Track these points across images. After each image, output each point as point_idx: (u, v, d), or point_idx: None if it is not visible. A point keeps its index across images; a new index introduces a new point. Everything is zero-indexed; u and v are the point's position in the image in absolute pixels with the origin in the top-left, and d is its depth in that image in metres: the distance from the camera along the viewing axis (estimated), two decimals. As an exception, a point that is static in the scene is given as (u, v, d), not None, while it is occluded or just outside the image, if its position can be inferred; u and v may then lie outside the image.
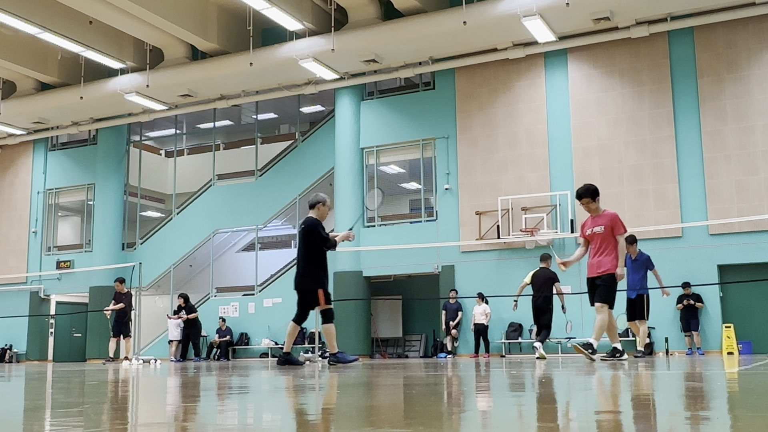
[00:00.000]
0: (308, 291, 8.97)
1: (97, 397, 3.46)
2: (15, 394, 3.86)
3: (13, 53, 20.39)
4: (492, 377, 4.68)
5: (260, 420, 2.19)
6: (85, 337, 23.33)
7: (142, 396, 3.61)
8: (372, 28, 17.88)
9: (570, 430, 1.77)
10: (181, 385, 4.55)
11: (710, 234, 16.51)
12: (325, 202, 9.23)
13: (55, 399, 3.31)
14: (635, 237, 12.30)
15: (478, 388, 3.53)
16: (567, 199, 17.60)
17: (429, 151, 19.58)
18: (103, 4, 17.46)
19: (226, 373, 6.73)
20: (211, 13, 19.31)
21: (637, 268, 11.93)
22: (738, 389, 3.18)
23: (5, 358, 23.53)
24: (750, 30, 16.70)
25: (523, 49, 18.08)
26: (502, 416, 2.16)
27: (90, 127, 23.28)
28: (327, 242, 8.98)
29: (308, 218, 9.14)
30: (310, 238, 8.97)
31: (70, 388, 4.36)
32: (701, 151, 16.84)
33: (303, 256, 9.05)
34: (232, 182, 22.42)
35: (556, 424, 1.89)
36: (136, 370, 8.70)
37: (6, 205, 24.95)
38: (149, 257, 22.38)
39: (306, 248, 9.02)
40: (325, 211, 9.26)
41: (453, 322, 17.92)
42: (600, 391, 3.18)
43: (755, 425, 1.79)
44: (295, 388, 3.86)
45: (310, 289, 8.95)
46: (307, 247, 9.02)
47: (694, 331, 16.13)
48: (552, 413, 2.21)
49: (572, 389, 3.36)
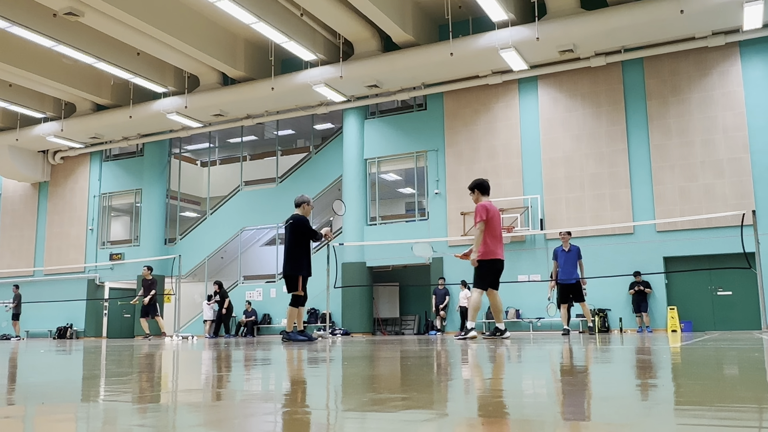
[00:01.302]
0: (289, 276, 8.82)
1: (144, 367, 3.46)
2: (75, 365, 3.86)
3: (73, 79, 20.41)
4: (474, 351, 4.68)
5: (280, 386, 2.18)
6: (133, 317, 23.34)
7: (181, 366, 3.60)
8: (374, 59, 17.91)
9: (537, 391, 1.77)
10: (214, 358, 4.54)
11: (657, 231, 16.52)
12: (309, 202, 9.16)
13: (108, 369, 3.31)
14: (570, 232, 12.30)
15: (462, 360, 3.53)
16: (537, 202, 17.61)
17: (422, 162, 19.60)
18: (148, 39, 17.48)
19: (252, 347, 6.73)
20: (239, 46, 19.33)
21: (570, 259, 11.82)
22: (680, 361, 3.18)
23: (67, 335, 23.54)
24: (690, 60, 16.72)
25: (501, 76, 18.11)
26: (482, 383, 2.15)
27: (137, 141, 23.31)
28: (315, 234, 8.93)
29: (296, 215, 9.00)
30: (298, 231, 8.84)
31: (120, 359, 4.36)
32: (649, 161, 16.86)
33: (289, 246, 8.87)
34: (257, 188, 22.45)
35: (521, 387, 1.89)
36: (176, 345, 8.69)
37: (68, 207, 24.97)
38: (187, 250, 22.39)
39: (293, 240, 8.86)
40: (309, 210, 9.18)
41: (442, 305, 17.95)
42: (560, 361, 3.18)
43: (695, 390, 1.79)
44: (309, 360, 3.86)
45: (291, 274, 8.81)
46: (294, 238, 8.85)
47: (643, 312, 16.17)
48: (518, 379, 2.21)
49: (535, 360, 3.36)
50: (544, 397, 1.71)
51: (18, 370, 3.34)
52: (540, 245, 17.58)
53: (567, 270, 11.70)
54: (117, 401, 1.78)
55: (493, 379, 2.32)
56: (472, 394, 1.82)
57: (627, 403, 1.53)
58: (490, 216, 8.34)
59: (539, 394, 1.77)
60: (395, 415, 1.40)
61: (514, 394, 1.77)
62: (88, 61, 18.43)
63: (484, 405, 1.56)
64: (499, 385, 2.04)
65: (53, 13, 16.41)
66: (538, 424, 1.25)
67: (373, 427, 1.25)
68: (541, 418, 1.33)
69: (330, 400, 1.77)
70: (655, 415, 1.34)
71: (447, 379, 2.36)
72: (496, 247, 8.35)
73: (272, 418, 1.41)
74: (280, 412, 1.52)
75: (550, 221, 17.36)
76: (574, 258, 11.73)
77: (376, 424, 1.28)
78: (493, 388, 1.98)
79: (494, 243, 8.35)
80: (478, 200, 8.54)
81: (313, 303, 20.24)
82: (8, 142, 23.55)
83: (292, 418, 1.40)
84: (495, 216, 8.44)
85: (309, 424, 1.31)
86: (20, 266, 25.17)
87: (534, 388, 1.96)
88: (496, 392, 1.84)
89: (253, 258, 23.85)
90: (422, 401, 1.63)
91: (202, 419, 1.41)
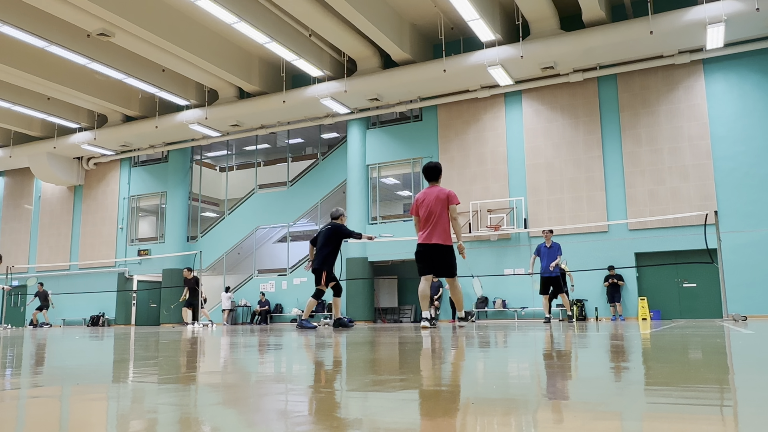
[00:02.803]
0: (317, 270, 9.13)
1: (168, 351, 3.46)
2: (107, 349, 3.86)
3: (104, 93, 20.42)
4: (465, 337, 4.67)
5: (291, 368, 2.18)
6: (159, 307, 23.35)
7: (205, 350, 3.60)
8: (375, 75, 17.91)
9: (520, 374, 1.77)
10: (232, 344, 4.54)
11: (629, 229, 16.52)
12: (344, 214, 9.60)
13: (137, 353, 3.31)
14: (552, 230, 12.34)
15: (453, 346, 3.53)
16: (521, 203, 17.60)
17: (417, 167, 19.59)
18: (172, 57, 17.49)
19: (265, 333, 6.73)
20: (254, 63, 19.33)
21: (551, 254, 11.86)
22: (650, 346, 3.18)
23: (99, 323, 23.54)
24: (659, 76, 16.73)
25: (489, 90, 18.11)
26: (472, 365, 2.15)
27: (163, 149, 23.30)
28: (352, 234, 9.22)
29: (335, 223, 9.38)
30: (336, 234, 9.17)
31: (148, 345, 4.36)
32: (622, 167, 16.85)
33: (323, 246, 9.17)
34: (270, 190, 22.44)
35: (507, 369, 1.89)
36: (198, 332, 8.70)
37: (100, 207, 24.97)
38: (207, 247, 22.38)
39: (330, 242, 9.16)
40: (344, 220, 9.60)
41: (435, 296, 17.91)
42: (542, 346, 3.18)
43: (663, 373, 1.79)
44: (316, 345, 3.86)
45: (319, 268, 9.11)
46: (331, 241, 9.16)
47: (617, 302, 16.17)
48: (504, 362, 2.21)
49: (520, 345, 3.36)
50: (527, 378, 1.71)
51: (55, 355, 3.34)
52: (524, 242, 17.58)
53: (547, 264, 11.75)
54: (144, 382, 1.78)
55: (481, 362, 2.32)
56: (462, 375, 1.82)
57: (602, 384, 1.53)
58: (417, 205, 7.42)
59: (523, 376, 1.77)
60: (395, 394, 1.40)
61: (500, 376, 1.77)
62: (119, 76, 18.44)
63: (473, 385, 1.56)
64: (487, 367, 2.04)
65: (87, 34, 16.42)
66: (522, 402, 1.25)
67: (375, 405, 1.25)
68: (525, 397, 1.33)
69: (336, 381, 1.77)
70: (627, 394, 1.34)
71: (440, 362, 2.36)
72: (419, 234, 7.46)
73: (284, 397, 1.41)
74: (291, 392, 1.52)
75: (533, 221, 17.37)
76: (555, 253, 11.77)
77: (378, 402, 1.28)
78: (481, 370, 1.97)
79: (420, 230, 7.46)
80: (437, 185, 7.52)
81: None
82: (47, 149, 23.55)
83: (302, 397, 1.40)
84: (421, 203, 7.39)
85: (317, 402, 1.31)
86: (57, 261, 25.19)
87: (519, 370, 1.96)
88: (485, 374, 1.84)
89: (267, 253, 23.85)
90: (419, 382, 1.63)
91: (222, 398, 1.41)
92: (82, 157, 24.99)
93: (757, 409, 1.12)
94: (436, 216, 7.28)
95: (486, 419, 1.07)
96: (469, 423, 1.05)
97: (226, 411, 1.22)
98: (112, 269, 24.13)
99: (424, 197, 7.36)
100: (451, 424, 1.04)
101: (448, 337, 4.62)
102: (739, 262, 15.20)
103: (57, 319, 24.67)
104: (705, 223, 11.87)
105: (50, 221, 25.96)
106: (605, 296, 16.53)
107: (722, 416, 1.06)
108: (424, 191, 7.40)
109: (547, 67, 16.36)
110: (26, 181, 26.89)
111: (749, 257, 15.24)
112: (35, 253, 25.99)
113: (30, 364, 2.66)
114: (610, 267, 15.93)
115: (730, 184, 15.69)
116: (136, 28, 15.12)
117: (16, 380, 1.92)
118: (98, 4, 14.05)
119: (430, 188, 7.43)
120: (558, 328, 7.27)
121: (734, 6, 14.03)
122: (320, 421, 1.08)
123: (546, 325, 8.65)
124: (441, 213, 7.31)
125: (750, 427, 0.96)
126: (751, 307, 14.91)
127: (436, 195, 7.31)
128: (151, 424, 1.08)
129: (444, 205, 7.30)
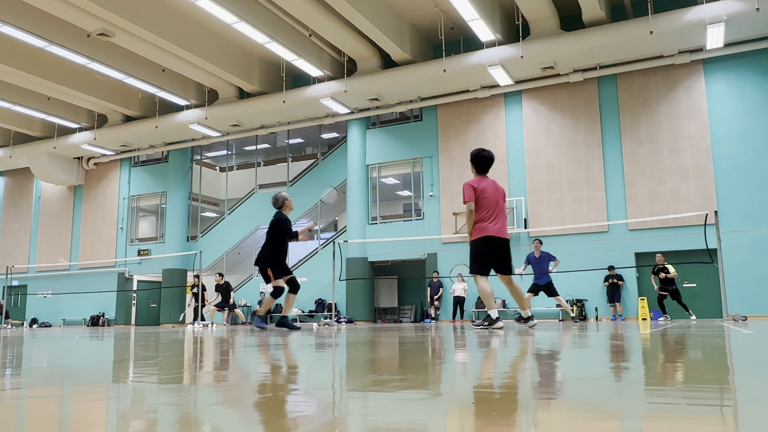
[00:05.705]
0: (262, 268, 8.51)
1: (169, 351, 3.46)
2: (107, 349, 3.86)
3: (105, 93, 20.42)
4: (465, 337, 4.68)
5: (291, 369, 2.18)
6: (159, 307, 23.36)
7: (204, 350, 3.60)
8: (375, 75, 17.91)
9: (520, 373, 1.77)
10: (232, 343, 4.54)
11: (629, 229, 16.53)
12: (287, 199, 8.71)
13: (137, 353, 3.31)
14: (541, 241, 12.60)
15: (456, 345, 3.53)
16: (522, 203, 17.61)
17: (417, 167, 19.59)
18: (172, 57, 17.49)
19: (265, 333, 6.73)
20: (254, 63, 19.33)
21: (540, 264, 12.13)
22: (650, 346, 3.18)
23: (99, 322, 23.54)
24: (659, 76, 16.73)
25: (489, 91, 18.11)
26: (474, 366, 2.15)
27: (163, 149, 23.31)
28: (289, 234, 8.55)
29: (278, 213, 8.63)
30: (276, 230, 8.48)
31: (147, 345, 4.36)
32: (622, 167, 16.86)
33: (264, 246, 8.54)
34: (270, 190, 22.43)
35: (507, 370, 1.89)
36: (198, 331, 8.69)
37: (100, 207, 24.98)
38: (207, 247, 22.38)
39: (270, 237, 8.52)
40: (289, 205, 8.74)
41: (436, 296, 17.93)
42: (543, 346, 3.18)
43: (663, 372, 1.79)
44: (317, 345, 3.86)
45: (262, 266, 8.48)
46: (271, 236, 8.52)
47: (617, 302, 16.17)
48: (505, 362, 2.21)
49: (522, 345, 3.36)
50: (527, 378, 1.71)
51: (55, 355, 3.34)
52: (524, 242, 17.57)
53: (538, 273, 12.13)
54: (144, 382, 1.78)
55: (481, 361, 2.32)
56: (463, 375, 1.82)
57: (602, 384, 1.53)
58: (478, 193, 6.56)
59: (524, 376, 1.77)
60: (395, 394, 1.39)
61: (501, 376, 1.77)
62: (118, 76, 18.43)
63: (473, 385, 1.56)
64: (487, 368, 2.04)
65: (87, 34, 16.42)
66: (522, 403, 1.25)
67: (374, 405, 1.25)
68: (525, 398, 1.33)
69: (336, 381, 1.76)
70: (627, 394, 1.34)
71: (440, 362, 2.36)
72: (488, 225, 6.55)
73: (284, 397, 1.41)
74: (291, 392, 1.52)
75: (533, 221, 17.36)
76: (544, 263, 12.09)
77: (378, 402, 1.28)
78: (481, 370, 1.97)
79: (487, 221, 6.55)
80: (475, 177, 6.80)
81: (320, 294, 20.24)
82: (47, 149, 23.55)
83: (303, 397, 1.40)
84: (485, 191, 6.59)
85: (317, 403, 1.31)
86: (57, 261, 25.18)
87: (519, 370, 1.96)
88: (484, 374, 1.84)
89: (267, 253, 23.83)
90: (418, 382, 1.63)
91: (221, 398, 1.41)
92: (82, 157, 24.98)
93: (757, 409, 1.12)
94: (500, 208, 6.69)
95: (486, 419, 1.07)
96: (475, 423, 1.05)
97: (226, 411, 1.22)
98: (112, 269, 24.13)
99: (486, 185, 6.62)
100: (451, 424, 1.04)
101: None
102: (739, 262, 15.19)
103: (57, 319, 24.67)
104: (705, 223, 11.86)
105: (50, 221, 25.95)
106: (605, 296, 16.52)
107: (722, 416, 1.06)
108: (477, 179, 6.65)
109: (547, 67, 16.36)
110: (26, 181, 26.90)
111: (749, 257, 15.24)
112: (35, 253, 25.99)
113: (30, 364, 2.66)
114: (610, 267, 15.92)
115: (730, 184, 15.69)
116: (136, 28, 15.11)
117: (16, 380, 1.92)
118: (98, 4, 14.05)
119: (484, 179, 6.69)
120: (558, 328, 7.27)
121: (734, 6, 14.03)
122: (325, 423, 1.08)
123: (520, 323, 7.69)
124: (504, 206, 6.79)
125: (750, 427, 0.96)
126: (751, 307, 14.91)
127: (495, 186, 6.70)
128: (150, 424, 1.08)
129: (504, 198, 6.80)
